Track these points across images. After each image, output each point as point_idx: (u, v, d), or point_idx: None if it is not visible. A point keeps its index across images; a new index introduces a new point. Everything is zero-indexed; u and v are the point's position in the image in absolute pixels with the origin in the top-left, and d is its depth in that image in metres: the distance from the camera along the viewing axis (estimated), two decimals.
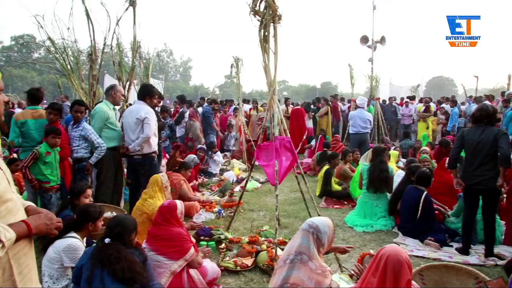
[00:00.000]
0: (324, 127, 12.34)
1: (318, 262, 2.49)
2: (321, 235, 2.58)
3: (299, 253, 2.49)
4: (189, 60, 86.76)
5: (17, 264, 1.65)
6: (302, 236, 2.58)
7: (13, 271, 1.63)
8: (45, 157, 4.60)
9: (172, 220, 3.54)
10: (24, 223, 1.65)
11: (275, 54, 4.15)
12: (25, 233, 1.64)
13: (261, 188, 7.85)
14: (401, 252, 2.34)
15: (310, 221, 2.66)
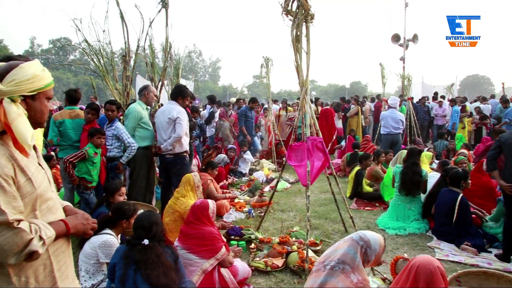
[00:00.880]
0: (354, 127, 12.15)
1: (361, 276, 2.38)
2: (370, 251, 2.46)
3: (342, 262, 2.39)
4: (218, 60, 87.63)
5: (56, 261, 1.72)
6: (350, 246, 2.47)
7: (53, 267, 1.69)
8: (93, 157, 4.76)
9: (204, 219, 3.58)
10: (63, 222, 1.73)
11: (307, 53, 4.12)
12: (64, 232, 1.72)
13: (291, 188, 7.81)
14: (432, 261, 2.25)
15: (363, 234, 2.54)
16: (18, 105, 1.57)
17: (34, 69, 1.63)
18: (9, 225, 1.45)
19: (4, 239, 1.44)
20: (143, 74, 11.46)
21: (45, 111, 1.72)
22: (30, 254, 1.51)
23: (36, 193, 1.61)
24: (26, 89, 1.59)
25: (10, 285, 1.54)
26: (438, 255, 4.47)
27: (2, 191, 1.47)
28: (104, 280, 3.33)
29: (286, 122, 11.67)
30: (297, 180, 8.37)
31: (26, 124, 1.58)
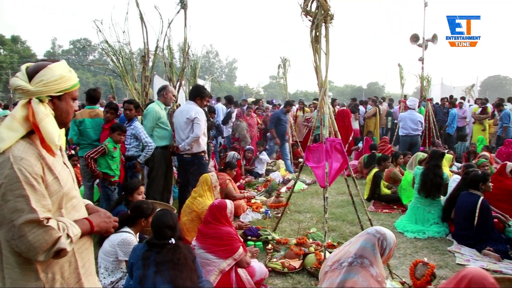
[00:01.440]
0: (372, 128, 12.01)
1: (379, 269, 2.35)
2: (386, 243, 2.44)
3: (359, 256, 2.36)
4: (234, 61, 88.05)
5: (81, 258, 1.76)
6: (366, 239, 2.44)
7: (77, 264, 1.73)
8: (113, 152, 4.84)
9: (222, 219, 3.59)
10: (87, 220, 1.77)
11: (327, 54, 4.09)
12: (88, 230, 1.76)
13: (308, 189, 7.77)
14: (487, 277, 1.98)
15: (378, 228, 2.52)
16: (46, 105, 1.61)
17: (61, 70, 1.67)
18: (39, 223, 1.49)
19: (34, 237, 1.48)
20: (160, 74, 11.59)
21: (70, 112, 1.76)
22: (58, 251, 1.54)
23: (63, 192, 1.65)
24: (53, 89, 1.63)
25: (38, 281, 1.58)
26: (459, 259, 4.38)
27: (33, 189, 1.50)
28: (123, 278, 3.36)
29: (303, 123, 11.61)
30: (313, 181, 8.33)
31: (54, 124, 1.62)
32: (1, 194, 1.47)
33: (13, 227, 1.47)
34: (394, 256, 4.48)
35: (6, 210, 1.47)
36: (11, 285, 1.57)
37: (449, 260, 4.43)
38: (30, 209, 1.48)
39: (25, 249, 1.49)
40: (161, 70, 11.98)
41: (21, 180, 1.48)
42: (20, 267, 1.56)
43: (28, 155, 1.53)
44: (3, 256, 1.58)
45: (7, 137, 1.51)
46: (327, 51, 4.09)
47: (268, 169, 9.09)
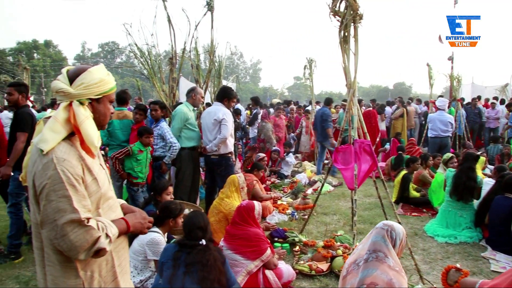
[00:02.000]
0: (399, 130, 11.77)
1: (395, 259, 2.35)
2: (395, 234, 2.44)
3: (373, 251, 2.36)
4: (258, 62, 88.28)
5: (117, 256, 1.80)
6: (375, 234, 2.46)
7: (114, 263, 1.77)
8: (137, 155, 4.93)
9: (250, 220, 3.59)
10: (123, 220, 1.80)
11: (355, 55, 4.04)
12: (125, 230, 1.79)
13: (334, 191, 7.68)
14: None
15: (385, 221, 2.55)
16: (86, 107, 1.66)
17: (101, 73, 1.71)
18: (80, 223, 1.53)
19: (75, 236, 1.52)
20: (186, 75, 11.73)
21: (108, 114, 1.81)
22: (97, 251, 1.58)
23: (100, 192, 1.70)
24: (93, 92, 1.68)
25: (78, 279, 1.63)
26: (494, 266, 4.23)
27: (74, 190, 1.54)
28: (151, 277, 3.42)
29: None
30: (340, 183, 8.24)
31: (93, 126, 1.66)
32: (45, 194, 1.52)
33: (56, 226, 1.52)
34: (425, 261, 4.37)
35: (49, 210, 1.52)
36: (52, 282, 1.62)
37: (483, 266, 4.28)
38: (72, 209, 1.52)
39: (66, 248, 1.54)
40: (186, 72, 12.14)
41: (63, 181, 1.52)
42: (61, 264, 1.61)
43: (70, 156, 1.58)
44: (44, 254, 1.64)
45: (50, 139, 1.55)
46: (356, 52, 4.04)
47: (293, 170, 9.05)
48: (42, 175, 1.53)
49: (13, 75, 26.95)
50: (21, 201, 4.46)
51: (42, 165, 1.54)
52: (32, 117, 4.44)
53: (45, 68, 47.14)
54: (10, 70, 34.03)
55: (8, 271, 4.07)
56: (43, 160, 1.55)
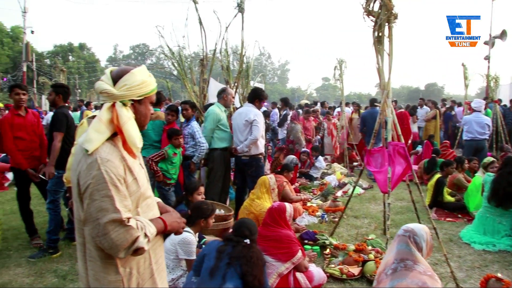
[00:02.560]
0: (432, 132, 11.44)
1: (424, 264, 2.27)
2: (418, 238, 2.36)
3: (400, 260, 2.29)
4: (286, 62, 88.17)
5: (154, 254, 1.83)
6: (398, 242, 2.39)
7: (151, 260, 1.80)
8: (172, 158, 5.02)
9: (281, 222, 3.58)
10: (161, 220, 1.82)
11: (390, 55, 3.96)
12: (162, 229, 1.81)
13: (364, 194, 7.56)
14: None
15: (405, 227, 2.48)
16: (128, 108, 1.69)
17: (143, 75, 1.74)
18: (121, 222, 1.57)
19: (116, 235, 1.56)
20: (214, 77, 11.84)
21: (148, 115, 1.85)
22: (136, 249, 1.62)
23: (140, 192, 1.72)
24: (135, 94, 1.71)
25: (117, 275, 1.67)
26: None
27: (117, 190, 1.58)
28: (183, 276, 3.46)
29: (358, 126, 11.32)
30: (370, 185, 8.09)
31: (135, 127, 1.70)
32: (89, 193, 1.57)
33: (98, 225, 1.56)
34: (461, 268, 4.23)
35: (92, 208, 1.57)
36: (94, 277, 1.68)
37: None
38: (114, 209, 1.56)
39: (108, 246, 1.58)
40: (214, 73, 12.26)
41: (107, 181, 1.56)
42: (102, 260, 1.66)
43: (113, 157, 1.62)
44: (86, 249, 1.69)
45: (95, 139, 1.59)
46: (390, 52, 3.96)
47: (323, 172, 8.97)
48: (86, 175, 1.57)
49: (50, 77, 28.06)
50: (59, 198, 4.63)
51: (87, 165, 1.58)
52: (67, 117, 4.60)
53: (79, 69, 48.80)
54: (47, 72, 35.45)
55: (47, 264, 4.22)
56: (87, 160, 1.59)
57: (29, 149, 4.73)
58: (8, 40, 38.15)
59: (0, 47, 34.72)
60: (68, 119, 4.61)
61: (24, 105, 4.81)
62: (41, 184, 4.81)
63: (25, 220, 4.87)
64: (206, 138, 5.40)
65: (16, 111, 4.72)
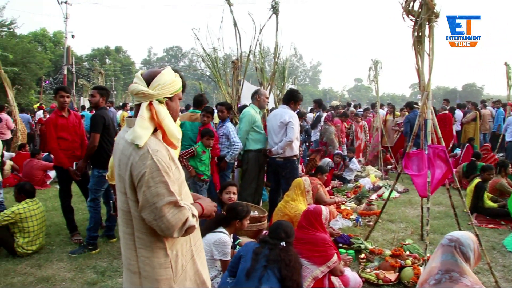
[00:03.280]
0: (471, 134, 11.01)
1: (472, 277, 2.15)
2: (464, 248, 2.23)
3: (445, 271, 2.17)
4: (318, 64, 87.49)
5: (193, 237, 1.99)
6: (443, 252, 2.26)
7: (191, 243, 1.97)
8: (201, 155, 5.09)
9: (317, 224, 3.54)
10: (198, 204, 1.98)
11: (430, 56, 3.84)
12: (200, 212, 1.96)
13: (400, 198, 7.37)
14: None
15: (449, 235, 2.34)
16: (164, 105, 1.84)
17: (171, 75, 1.89)
18: (176, 204, 1.73)
19: (172, 216, 1.71)
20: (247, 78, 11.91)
21: (178, 110, 2.00)
22: (188, 229, 1.77)
23: (181, 179, 1.90)
24: (168, 91, 1.86)
25: (166, 257, 1.83)
26: None
27: (168, 176, 1.74)
28: (217, 276, 3.48)
29: (393, 128, 11.06)
30: (406, 189, 7.89)
31: (173, 121, 1.85)
32: (144, 181, 1.70)
33: (155, 209, 1.70)
34: (506, 278, 4.03)
35: (149, 195, 1.70)
36: (143, 262, 1.82)
37: None
38: (169, 193, 1.71)
39: (164, 228, 1.71)
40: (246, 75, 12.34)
41: (160, 168, 1.71)
42: (152, 245, 1.82)
43: (161, 147, 1.78)
44: (135, 238, 1.83)
45: (143, 134, 1.74)
46: (431, 52, 3.84)
47: (357, 175, 8.82)
48: (140, 165, 1.71)
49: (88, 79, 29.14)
50: (99, 197, 4.79)
51: (139, 156, 1.72)
52: (104, 119, 4.76)
53: (115, 72, 50.40)
54: (86, 75, 36.82)
55: (87, 260, 4.38)
56: (139, 152, 1.73)
57: (71, 149, 4.94)
58: (51, 45, 39.91)
59: (44, 51, 36.34)
60: (105, 120, 4.76)
61: (67, 107, 5.01)
62: (82, 183, 5.00)
63: (66, 217, 5.07)
64: (241, 139, 5.43)
65: (59, 112, 4.94)
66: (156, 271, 1.81)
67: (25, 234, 4.46)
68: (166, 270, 1.82)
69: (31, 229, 4.49)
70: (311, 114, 11.21)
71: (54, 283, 3.85)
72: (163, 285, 1.82)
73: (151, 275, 1.82)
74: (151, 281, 1.82)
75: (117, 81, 49.94)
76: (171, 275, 1.83)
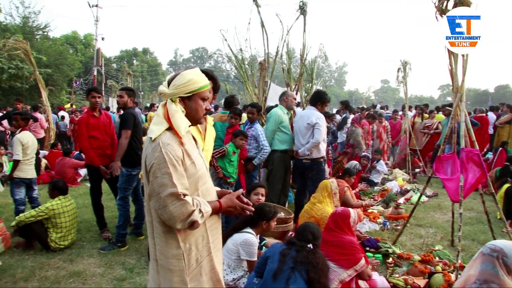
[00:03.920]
0: (505, 138, 10.60)
1: None
2: (509, 259, 2.10)
3: (484, 282, 2.08)
4: (344, 65, 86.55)
5: (211, 234, 2.04)
6: (483, 261, 2.14)
7: (209, 239, 2.02)
8: (231, 156, 5.11)
9: (345, 227, 3.50)
10: (217, 202, 2.04)
11: (464, 56, 3.73)
12: (217, 209, 2.02)
13: (428, 202, 7.18)
14: None
15: (491, 244, 2.20)
16: (177, 104, 1.94)
17: (191, 75, 1.97)
18: (178, 196, 1.79)
19: (174, 208, 1.79)
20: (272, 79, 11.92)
21: (199, 110, 2.04)
22: (191, 223, 1.83)
23: (198, 175, 1.96)
24: (183, 91, 1.94)
25: (179, 249, 1.90)
26: None
27: (174, 169, 1.82)
28: (244, 276, 3.49)
29: (421, 130, 10.79)
30: (434, 193, 7.69)
31: (181, 119, 1.93)
32: (152, 171, 1.83)
33: (159, 198, 1.81)
34: None
35: (155, 184, 1.82)
36: (159, 251, 1.92)
37: None
38: (172, 184, 1.79)
39: (167, 218, 1.81)
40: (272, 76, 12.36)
41: (166, 160, 1.81)
42: (165, 235, 1.90)
43: (172, 142, 1.87)
44: (154, 227, 1.93)
45: (155, 129, 1.89)
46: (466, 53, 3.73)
47: (384, 178, 8.66)
48: (151, 157, 1.84)
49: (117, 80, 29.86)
50: (128, 195, 4.89)
51: (151, 149, 1.86)
52: (134, 116, 4.85)
53: (142, 73, 51.41)
54: (114, 76, 37.73)
55: (116, 257, 4.47)
56: (152, 145, 1.87)
57: (102, 148, 5.06)
58: (81, 47, 41.12)
59: (75, 53, 37.48)
60: (136, 119, 4.86)
61: (98, 107, 5.15)
62: (112, 181, 5.11)
63: (97, 214, 5.20)
64: (267, 139, 5.44)
65: (91, 112, 5.08)
66: (170, 261, 1.90)
67: (58, 230, 4.61)
68: (178, 261, 1.89)
69: (63, 224, 4.63)
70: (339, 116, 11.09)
71: (85, 278, 3.95)
72: (176, 275, 1.90)
73: (165, 264, 1.91)
74: (165, 270, 1.91)
75: (144, 82, 50.93)
76: (184, 267, 1.90)
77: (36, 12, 26.69)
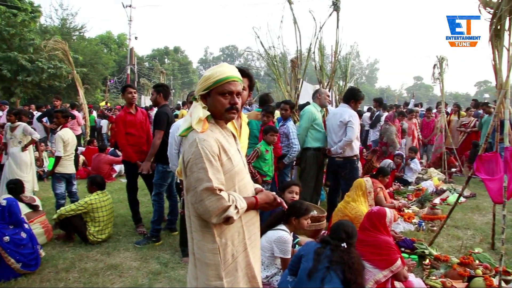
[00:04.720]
0: None
1: None
2: None
3: None
4: (376, 62, 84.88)
5: (248, 230, 2.05)
6: None
7: (245, 235, 2.03)
8: (265, 154, 5.11)
9: (381, 227, 3.43)
10: (254, 198, 2.06)
11: (510, 51, 3.56)
12: (253, 205, 2.03)
13: (466, 203, 6.93)
14: None
15: None
16: (199, 101, 2.00)
17: (208, 72, 2.01)
18: (213, 191, 1.82)
19: (209, 202, 1.82)
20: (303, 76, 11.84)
21: (217, 105, 2.00)
22: (226, 218, 1.84)
23: (234, 170, 1.98)
24: (199, 89, 2.01)
25: (214, 244, 1.92)
26: None
27: (210, 164, 1.85)
28: (277, 274, 3.49)
29: (458, 129, 10.43)
30: (472, 194, 7.41)
31: (197, 113, 1.95)
32: (189, 166, 1.88)
33: (196, 193, 1.85)
34: None
35: (192, 179, 1.87)
36: (196, 245, 1.97)
37: None
38: (207, 179, 1.82)
39: (202, 212, 1.85)
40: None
41: (202, 156, 1.84)
42: (202, 230, 1.94)
43: (208, 138, 1.90)
44: (191, 221, 1.98)
45: (182, 126, 1.99)
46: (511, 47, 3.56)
47: (418, 177, 8.43)
48: (188, 152, 1.89)
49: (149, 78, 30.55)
50: (163, 191, 4.98)
51: (188, 144, 1.91)
52: (168, 116, 4.88)
53: (173, 71, 52.29)
54: (146, 74, 38.59)
55: (151, 251, 4.58)
56: (189, 140, 1.92)
57: (138, 144, 5.16)
58: (115, 47, 42.30)
59: (109, 52, 38.59)
60: (169, 117, 4.90)
61: (135, 103, 5.25)
62: (147, 177, 5.22)
63: (132, 209, 5.33)
64: (300, 137, 5.41)
65: (128, 109, 5.19)
66: (206, 254, 1.93)
67: (96, 223, 4.76)
68: (214, 255, 1.92)
69: (101, 218, 4.79)
70: (366, 114, 10.86)
71: (122, 271, 4.07)
72: (211, 269, 1.92)
73: (202, 258, 1.94)
74: (202, 264, 1.94)
75: (175, 80, 51.77)
76: (219, 262, 1.92)
77: (73, 14, 27.75)
